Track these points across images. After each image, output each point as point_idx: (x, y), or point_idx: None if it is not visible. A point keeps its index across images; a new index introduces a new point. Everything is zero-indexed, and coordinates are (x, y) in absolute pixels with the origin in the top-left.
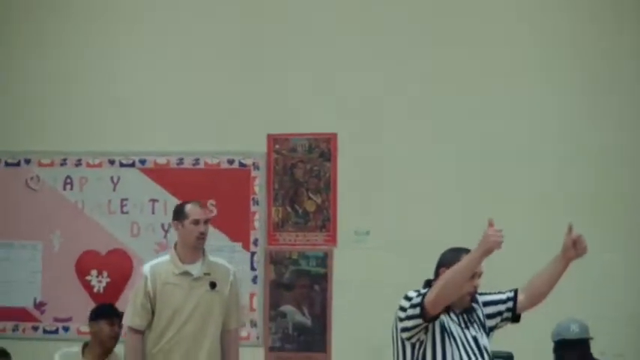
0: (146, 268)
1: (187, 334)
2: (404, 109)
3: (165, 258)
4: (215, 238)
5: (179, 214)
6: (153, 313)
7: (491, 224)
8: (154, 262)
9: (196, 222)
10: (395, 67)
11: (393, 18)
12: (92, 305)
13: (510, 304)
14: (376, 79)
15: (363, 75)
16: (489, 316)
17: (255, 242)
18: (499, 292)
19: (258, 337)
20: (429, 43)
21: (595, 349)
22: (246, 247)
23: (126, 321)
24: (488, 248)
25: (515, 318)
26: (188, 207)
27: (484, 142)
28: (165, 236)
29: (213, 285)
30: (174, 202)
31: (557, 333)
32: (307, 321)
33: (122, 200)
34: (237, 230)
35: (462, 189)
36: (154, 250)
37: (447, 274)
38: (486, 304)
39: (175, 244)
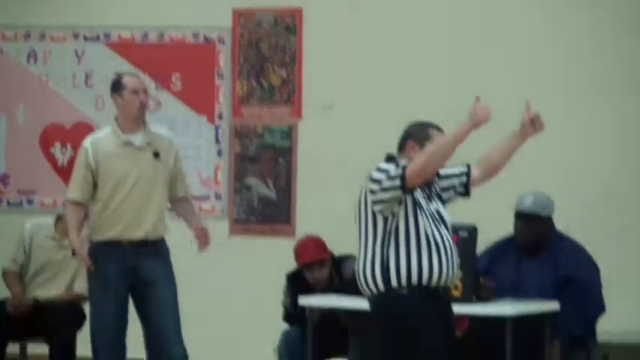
0: (87, 140)
1: (132, 204)
2: None
3: (106, 130)
4: (180, 111)
5: (117, 86)
6: (95, 186)
7: (478, 100)
8: (95, 134)
9: (135, 92)
10: None
11: None
12: (56, 178)
13: (464, 178)
14: None
15: None
16: (443, 190)
17: (220, 116)
18: (452, 166)
19: (222, 210)
20: None
21: (561, 221)
22: (211, 120)
23: (67, 192)
24: (477, 122)
25: (467, 192)
26: (125, 78)
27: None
28: None
29: (156, 154)
30: (139, 75)
31: (515, 203)
32: (272, 193)
33: (87, 74)
34: (203, 104)
35: (432, 61)
36: None
37: (434, 147)
38: (441, 177)
39: (116, 117)
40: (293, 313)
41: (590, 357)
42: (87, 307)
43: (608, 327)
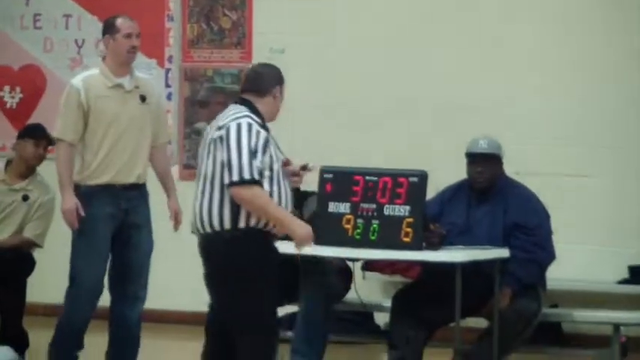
0: (77, 81)
1: (124, 148)
2: None
3: (94, 72)
4: None
5: (110, 28)
6: (85, 126)
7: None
8: (84, 75)
9: (129, 35)
10: None
11: None
12: (4, 121)
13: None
14: None
15: None
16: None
17: (170, 59)
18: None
19: (172, 155)
20: None
21: (510, 169)
22: (160, 64)
23: (58, 134)
24: (292, 235)
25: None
26: (119, 21)
27: None
28: (78, 52)
29: (143, 98)
30: (87, 17)
31: (467, 147)
32: None
33: (35, 15)
34: (152, 47)
35: (384, 6)
36: (68, 66)
37: (265, 209)
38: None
39: (103, 58)
40: None
41: (539, 304)
42: (36, 254)
43: (557, 274)
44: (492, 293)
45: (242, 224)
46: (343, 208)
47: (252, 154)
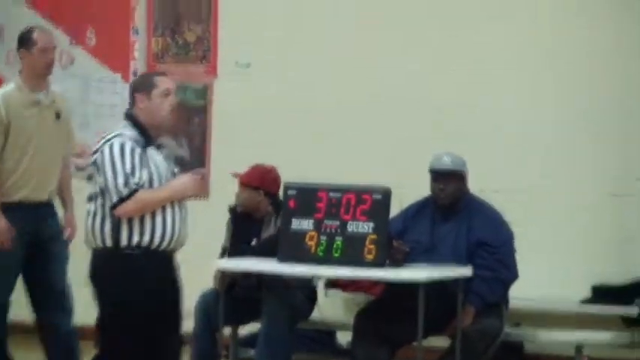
0: None
1: (39, 165)
2: None
3: (11, 86)
4: (95, 69)
5: (27, 41)
6: (4, 142)
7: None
8: (2, 90)
9: (45, 50)
10: None
11: None
12: None
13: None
14: None
15: None
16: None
17: (135, 73)
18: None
19: None
20: None
21: (475, 186)
22: (125, 78)
23: None
24: (188, 195)
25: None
26: (35, 34)
27: None
28: None
29: (58, 115)
30: (51, 29)
31: (430, 163)
32: (186, 154)
33: None
34: (117, 61)
35: (351, 19)
36: None
37: (153, 201)
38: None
39: (20, 72)
40: (229, 248)
41: (502, 322)
42: None
43: (520, 293)
44: (456, 312)
45: (124, 242)
46: (307, 224)
47: (129, 174)
